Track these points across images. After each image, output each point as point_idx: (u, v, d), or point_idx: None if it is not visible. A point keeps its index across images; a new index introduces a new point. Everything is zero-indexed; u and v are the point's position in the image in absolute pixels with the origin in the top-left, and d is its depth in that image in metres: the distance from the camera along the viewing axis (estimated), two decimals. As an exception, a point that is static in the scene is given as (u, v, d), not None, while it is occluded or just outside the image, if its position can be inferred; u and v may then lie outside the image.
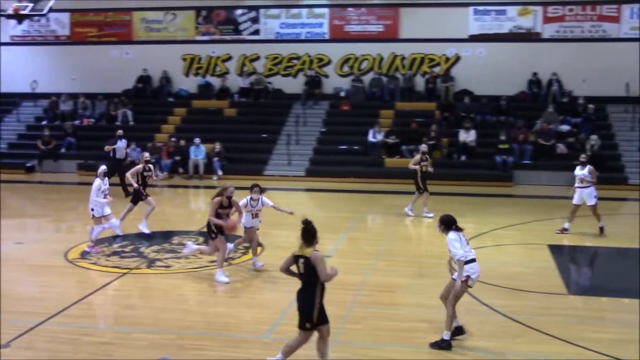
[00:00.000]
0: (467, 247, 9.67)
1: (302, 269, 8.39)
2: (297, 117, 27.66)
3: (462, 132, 25.09)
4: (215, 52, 30.21)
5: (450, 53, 28.40)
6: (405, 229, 17.30)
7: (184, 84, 30.46)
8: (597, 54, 27.00)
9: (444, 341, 9.72)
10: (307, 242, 8.41)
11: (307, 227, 8.47)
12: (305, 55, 29.35)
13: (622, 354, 9.51)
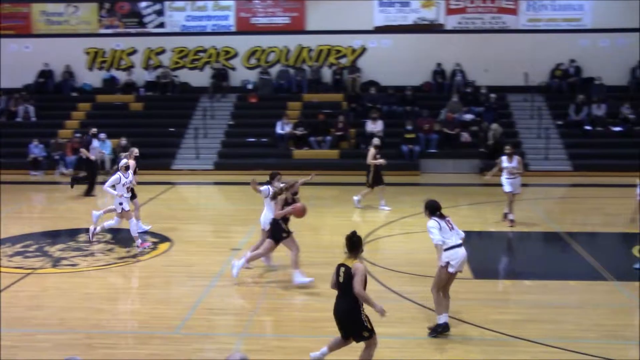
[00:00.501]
0: (448, 234, 9.79)
1: (342, 278, 8.30)
2: (205, 111, 27.43)
3: (369, 123, 25.39)
4: (119, 45, 29.64)
5: (356, 44, 28.68)
6: (314, 220, 17.36)
7: (87, 78, 29.79)
8: (498, 45, 27.77)
9: (439, 325, 9.87)
10: (351, 253, 8.37)
11: (352, 238, 8.41)
12: (212, 48, 29.14)
13: (521, 333, 9.87)
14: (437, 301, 9.94)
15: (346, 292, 8.27)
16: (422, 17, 28.35)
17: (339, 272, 8.34)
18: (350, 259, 8.35)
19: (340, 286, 8.34)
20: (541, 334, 9.90)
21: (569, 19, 27.96)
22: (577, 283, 12.53)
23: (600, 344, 9.71)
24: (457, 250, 9.79)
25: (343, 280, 8.27)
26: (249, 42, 28.90)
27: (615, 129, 25.66)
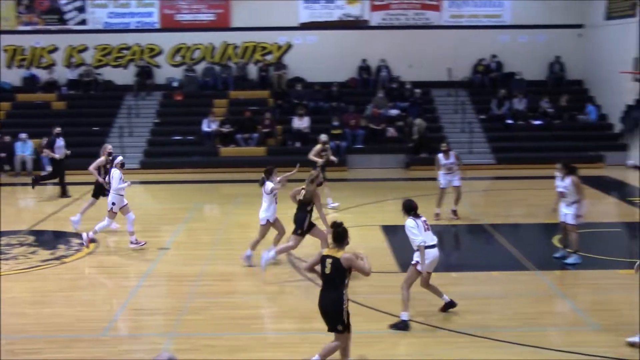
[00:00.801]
0: (425, 234, 9.97)
1: (328, 269, 8.20)
2: (130, 109, 27.04)
3: (296, 119, 25.45)
4: (39, 43, 28.92)
5: (281, 41, 28.68)
6: (242, 217, 17.37)
7: (6, 77, 28.96)
8: (422, 41, 28.14)
9: (403, 322, 10.02)
10: (338, 244, 8.33)
11: (338, 229, 8.40)
12: (136, 46, 28.72)
13: (447, 324, 10.10)
14: (405, 297, 10.10)
15: (332, 284, 8.24)
16: (347, 14, 28.52)
17: (324, 263, 8.26)
18: (336, 249, 8.31)
19: (326, 278, 8.28)
20: (467, 324, 10.14)
21: (490, 15, 28.54)
22: (501, 274, 12.85)
23: (521, 331, 10.00)
24: (429, 251, 10.01)
25: (330, 271, 8.21)
26: (173, 39, 28.59)
27: (536, 122, 26.32)
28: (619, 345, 9.53)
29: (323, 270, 8.29)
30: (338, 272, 8.18)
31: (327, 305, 8.30)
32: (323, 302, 8.36)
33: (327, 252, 8.35)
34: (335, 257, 8.22)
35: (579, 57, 28.21)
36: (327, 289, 8.33)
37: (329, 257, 8.26)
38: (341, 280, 8.21)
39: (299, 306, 11.05)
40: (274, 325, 10.22)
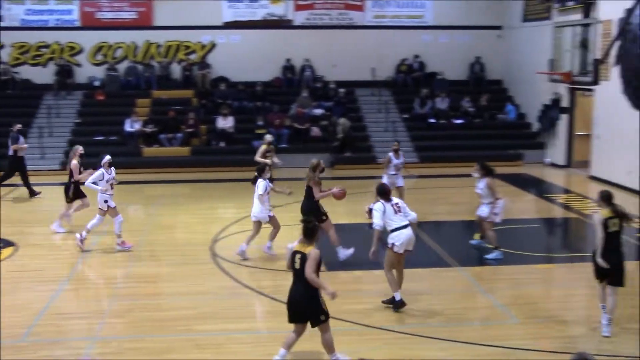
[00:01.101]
0: (394, 217, 10.38)
1: (298, 265, 8.38)
2: (49, 109, 26.41)
3: (220, 119, 25.30)
4: (-47, 40, 28.02)
5: (205, 40, 28.46)
6: (165, 219, 17.20)
7: None
8: (345, 41, 28.33)
9: (396, 302, 10.53)
10: (307, 239, 8.45)
11: (307, 225, 8.53)
12: (55, 44, 28.06)
13: (372, 322, 10.20)
14: (390, 280, 10.53)
15: (301, 279, 8.36)
16: (271, 13, 28.49)
17: (294, 258, 8.43)
18: (305, 245, 8.44)
19: (296, 272, 8.43)
20: (392, 321, 10.27)
21: (412, 16, 28.92)
22: (425, 270, 13.05)
23: (445, 327, 10.19)
24: (402, 232, 10.40)
25: (299, 266, 8.37)
26: (94, 37, 28.04)
27: (457, 121, 26.81)
28: (537, 338, 9.82)
29: (293, 266, 8.47)
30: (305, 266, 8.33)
31: (301, 299, 8.43)
32: (295, 296, 8.49)
33: (297, 248, 8.51)
34: (303, 252, 8.37)
35: (498, 57, 28.87)
36: (298, 284, 8.47)
37: (298, 252, 8.43)
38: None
39: (225, 307, 11.02)
40: (199, 326, 10.14)
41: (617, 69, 20.77)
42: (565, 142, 24.45)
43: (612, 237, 9.71)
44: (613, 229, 9.71)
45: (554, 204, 19.11)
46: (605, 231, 9.68)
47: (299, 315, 8.57)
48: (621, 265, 9.78)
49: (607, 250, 9.69)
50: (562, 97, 24.34)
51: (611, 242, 9.71)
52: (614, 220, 9.72)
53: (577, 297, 11.93)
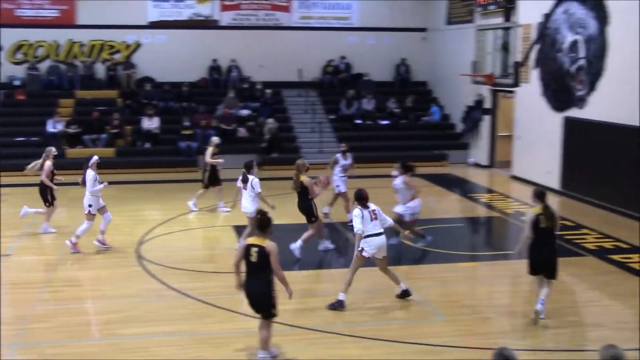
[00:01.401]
0: (369, 223, 10.66)
1: (254, 258, 8.46)
2: (-33, 109, 25.68)
3: (145, 120, 24.99)
4: None
5: (130, 40, 28.06)
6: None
7: None
8: (272, 41, 28.32)
9: (339, 301, 10.79)
10: (261, 232, 8.60)
11: (262, 218, 8.65)
12: (-28, 42, 27.28)
13: (300, 322, 10.25)
14: (347, 281, 10.88)
15: (260, 271, 8.50)
16: (197, 13, 28.27)
17: (249, 252, 8.50)
18: (261, 238, 8.57)
19: (253, 266, 8.52)
20: (319, 322, 10.33)
21: (339, 17, 29.13)
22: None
23: (372, 326, 10.30)
24: (373, 239, 10.70)
25: (257, 259, 8.46)
26: (14, 35, 27.28)
27: (383, 122, 27.11)
28: (462, 334, 10.03)
29: (249, 259, 8.54)
30: (264, 259, 8.47)
31: (258, 292, 8.60)
32: (252, 290, 8.64)
33: (252, 241, 8.62)
34: (260, 245, 8.49)
35: (423, 59, 29.31)
36: (255, 277, 8.59)
37: (255, 245, 8.54)
38: (268, 266, 8.50)
39: (150, 309, 10.90)
40: (125, 329, 10.00)
41: (537, 71, 21.33)
42: (487, 143, 24.98)
43: (544, 233, 10.10)
44: (544, 225, 10.10)
45: (477, 204, 19.51)
46: (538, 227, 10.09)
47: (257, 309, 8.78)
48: (554, 259, 10.24)
49: (540, 245, 10.14)
50: (484, 98, 24.87)
51: (543, 237, 10.12)
52: (545, 217, 10.10)
53: (500, 294, 12.23)
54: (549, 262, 10.22)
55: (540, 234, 10.12)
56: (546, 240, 10.18)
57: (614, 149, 17.66)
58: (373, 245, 10.74)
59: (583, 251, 14.16)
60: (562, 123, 19.93)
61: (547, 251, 10.20)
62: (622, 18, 17.62)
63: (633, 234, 15.14)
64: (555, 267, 10.29)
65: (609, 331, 10.09)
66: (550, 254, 10.23)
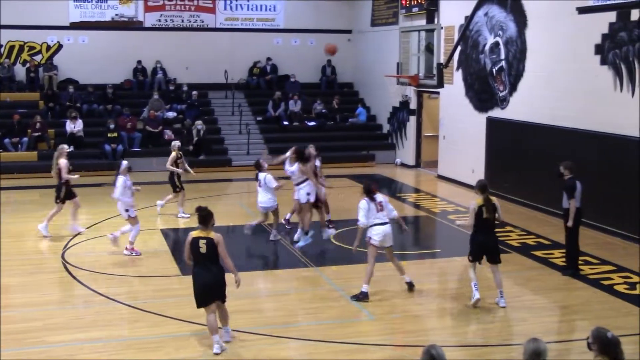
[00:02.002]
0: (375, 214, 11.24)
1: (204, 249, 9.02)
2: None
3: (69, 123, 24.48)
4: None
5: (51, 41, 27.45)
6: (14, 226, 16.47)
7: None
8: (198, 43, 28.12)
9: (362, 293, 11.32)
10: (204, 225, 9.13)
11: (203, 212, 9.16)
12: None
13: (231, 324, 10.21)
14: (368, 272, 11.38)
15: (211, 261, 9.11)
16: (120, 14, 27.85)
17: (198, 244, 9.05)
18: (205, 231, 9.12)
19: (203, 257, 9.08)
20: (250, 323, 10.31)
21: (264, 19, 29.11)
22: (283, 271, 13.21)
23: (302, 326, 10.35)
24: (379, 227, 11.27)
25: (206, 251, 9.04)
26: None
27: (310, 123, 27.21)
28: (393, 333, 10.18)
29: (198, 251, 9.09)
30: (213, 249, 9.06)
31: (212, 279, 9.13)
32: (206, 278, 9.14)
33: (197, 235, 9.14)
34: (208, 237, 9.08)
35: (349, 61, 29.53)
36: (206, 267, 9.14)
37: (202, 238, 9.09)
38: (217, 255, 9.10)
39: (77, 316, 10.72)
40: (51, 337, 9.79)
41: (460, 73, 21.75)
42: (413, 143, 25.33)
43: (486, 222, 10.90)
44: (486, 216, 10.85)
45: (405, 203, 19.75)
46: (480, 217, 10.86)
47: (214, 296, 9.23)
48: (496, 245, 11.26)
49: (482, 233, 10.98)
50: (410, 99, 25.21)
51: (485, 226, 10.94)
52: (487, 208, 10.85)
53: (428, 292, 12.40)
54: (492, 248, 11.08)
55: (482, 223, 10.89)
56: (488, 229, 10.99)
57: (534, 149, 18.14)
58: (379, 234, 11.25)
59: (507, 248, 14.49)
60: (485, 123, 20.37)
61: (488, 239, 11.06)
62: (539, 22, 18.13)
63: (554, 230, 15.57)
64: (498, 252, 11.18)
65: (533, 325, 10.37)
66: (492, 241, 11.15)
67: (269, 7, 29.08)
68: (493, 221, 10.98)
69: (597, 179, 15.08)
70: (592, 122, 16.08)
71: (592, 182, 13.82)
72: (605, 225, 15.54)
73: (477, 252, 11.08)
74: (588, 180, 13.04)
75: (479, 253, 11.08)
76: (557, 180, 12.95)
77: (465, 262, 13.82)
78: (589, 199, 12.98)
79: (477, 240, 11.06)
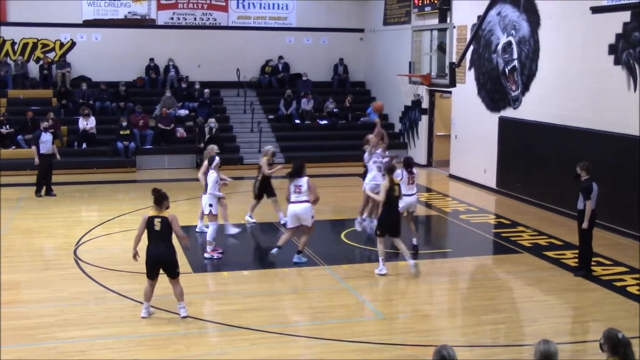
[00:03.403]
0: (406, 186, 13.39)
1: (158, 227, 9.97)
2: None
3: (81, 120, 24.57)
4: None
5: (64, 38, 27.55)
6: (24, 222, 16.54)
7: None
8: (210, 41, 28.18)
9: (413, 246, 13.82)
10: (159, 206, 10.06)
11: (159, 194, 10.09)
12: None
13: (240, 322, 10.25)
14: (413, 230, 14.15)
15: (164, 238, 10.05)
16: (133, 12, 27.93)
17: (153, 223, 9.98)
18: (159, 210, 10.05)
19: (157, 234, 10.02)
20: (260, 321, 10.32)
21: (276, 18, 29.12)
22: (291, 270, 13.19)
23: (312, 325, 10.35)
24: (406, 198, 13.40)
25: (160, 228, 9.98)
26: (-58, 33, 26.59)
27: (322, 122, 27.20)
28: (403, 332, 10.15)
29: (152, 229, 10.02)
30: (166, 227, 10.00)
31: (163, 256, 10.09)
32: (155, 253, 10.09)
33: (153, 214, 10.04)
34: (163, 216, 10.02)
35: (361, 60, 29.53)
36: (158, 244, 10.06)
37: (157, 217, 10.03)
38: (170, 234, 10.06)
39: (88, 312, 10.76)
40: (62, 333, 9.83)
41: (472, 72, 21.68)
42: (425, 143, 25.28)
43: (393, 201, 12.58)
44: (395, 195, 12.56)
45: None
46: (390, 196, 12.45)
47: (160, 270, 10.17)
48: (398, 222, 12.75)
49: (390, 211, 12.56)
50: (422, 98, 25.15)
51: (393, 204, 12.61)
52: (395, 188, 12.58)
53: (439, 292, 12.40)
54: (396, 225, 12.66)
55: (391, 201, 12.54)
56: (395, 206, 12.70)
57: (547, 149, 18.07)
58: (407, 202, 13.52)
59: (519, 248, 14.46)
60: (497, 123, 20.31)
61: (394, 216, 12.68)
62: (553, 21, 18.05)
63: (566, 230, 15.52)
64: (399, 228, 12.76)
65: (544, 326, 10.33)
66: (397, 217, 12.80)
67: (281, 6, 29.08)
68: (398, 200, 12.77)
69: (609, 179, 14.99)
70: (606, 123, 16.00)
71: (604, 183, 13.72)
72: (618, 226, 15.47)
73: (385, 228, 12.60)
74: (601, 181, 12.97)
75: (386, 229, 12.59)
76: (569, 180, 12.91)
77: (476, 262, 13.88)
78: (601, 200, 12.89)
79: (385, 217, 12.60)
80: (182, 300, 10.34)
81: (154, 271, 10.21)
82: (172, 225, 10.00)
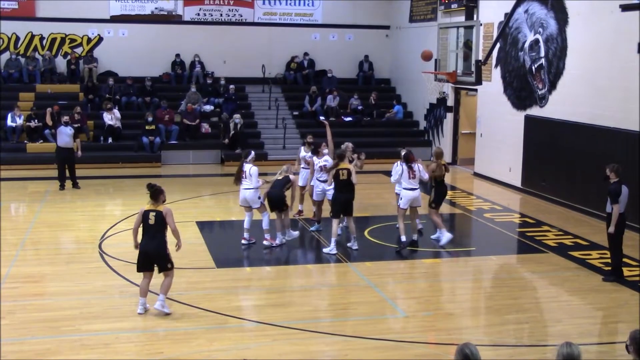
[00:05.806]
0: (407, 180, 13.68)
1: (152, 221, 10.04)
2: None
3: (106, 114, 24.69)
4: None
5: (92, 34, 27.74)
6: (50, 216, 16.68)
7: None
8: (236, 37, 28.24)
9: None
10: (155, 200, 10.13)
11: (154, 189, 10.16)
12: None
13: (263, 318, 10.25)
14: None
15: (158, 232, 10.10)
16: (159, 8, 28.05)
17: (148, 216, 10.04)
18: (155, 205, 10.11)
19: (151, 227, 10.08)
20: (282, 317, 10.33)
21: (302, 14, 29.11)
22: (314, 266, 13.20)
23: (334, 322, 10.34)
24: (407, 192, 13.72)
25: (154, 222, 10.04)
26: (-29, 27, 26.88)
27: (347, 119, 27.16)
28: (425, 330, 10.11)
29: (147, 222, 10.08)
30: (161, 222, 10.06)
31: (154, 249, 10.12)
32: (148, 247, 10.13)
33: (148, 208, 10.11)
34: (157, 210, 10.08)
35: (386, 57, 29.44)
36: (152, 237, 10.11)
37: (152, 211, 10.09)
38: (163, 228, 10.12)
39: (113, 305, 10.82)
40: (86, 326, 9.91)
41: (498, 70, 21.54)
42: (450, 140, 25.15)
43: (343, 183, 13.37)
44: (343, 178, 13.34)
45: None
46: (338, 179, 13.33)
47: (152, 264, 10.22)
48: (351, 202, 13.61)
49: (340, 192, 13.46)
50: (447, 96, 25.02)
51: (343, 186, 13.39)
52: (343, 172, 13.35)
53: (462, 290, 12.33)
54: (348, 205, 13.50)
55: (341, 184, 13.34)
56: (345, 189, 13.41)
57: (573, 148, 17.90)
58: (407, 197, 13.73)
59: (544, 248, 14.35)
60: (523, 121, 20.16)
61: (345, 198, 13.43)
62: (580, 19, 17.87)
63: (592, 230, 15.38)
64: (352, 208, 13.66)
65: (568, 326, 10.24)
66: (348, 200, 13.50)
67: (307, 3, 29.07)
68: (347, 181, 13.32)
69: (637, 179, 14.81)
70: (633, 122, 15.81)
71: (632, 183, 13.57)
72: (645, 226, 15.29)
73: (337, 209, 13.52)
74: (629, 182, 12.80)
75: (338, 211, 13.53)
76: (596, 180, 12.74)
77: (500, 261, 13.80)
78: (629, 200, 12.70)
79: (336, 199, 13.57)
80: (165, 293, 10.32)
81: (145, 265, 10.25)
82: (166, 218, 10.06)
